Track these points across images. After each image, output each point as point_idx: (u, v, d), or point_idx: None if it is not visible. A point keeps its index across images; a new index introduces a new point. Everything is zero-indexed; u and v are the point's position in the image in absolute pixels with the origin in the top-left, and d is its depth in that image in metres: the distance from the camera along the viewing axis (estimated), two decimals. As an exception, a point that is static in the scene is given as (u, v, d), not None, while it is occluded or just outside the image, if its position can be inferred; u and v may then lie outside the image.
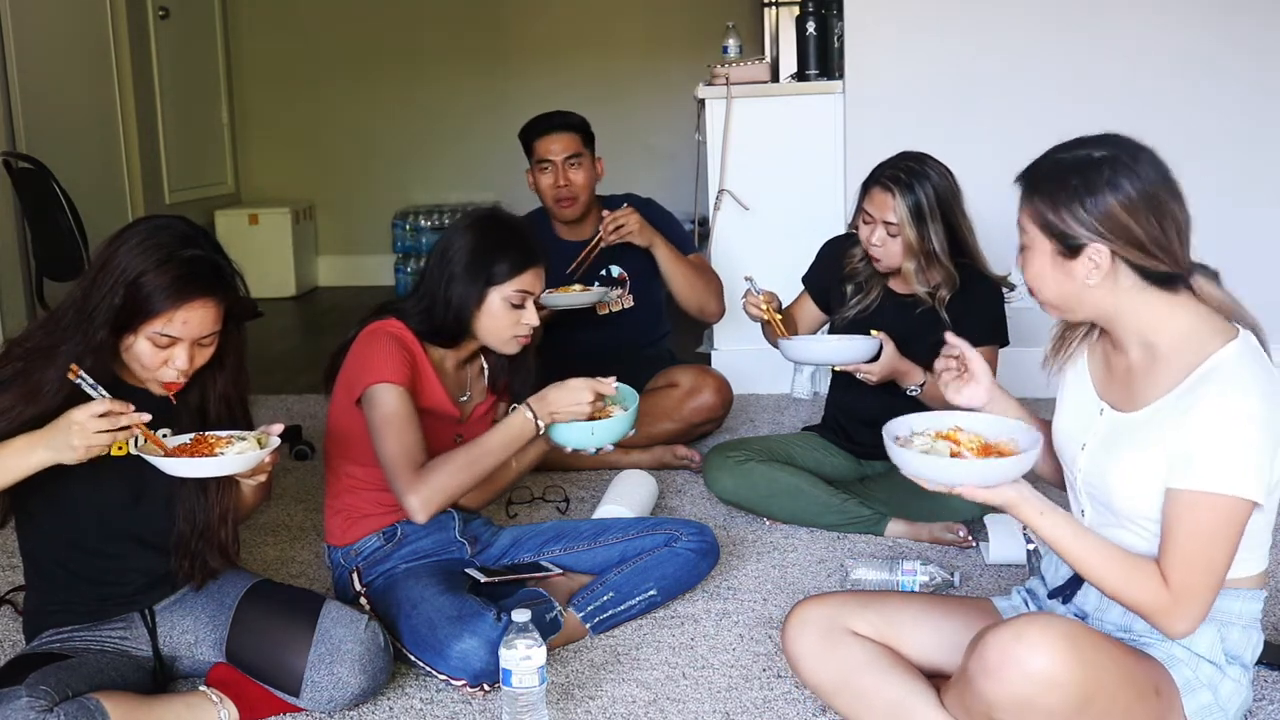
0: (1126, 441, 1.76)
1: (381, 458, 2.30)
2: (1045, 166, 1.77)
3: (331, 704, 2.07)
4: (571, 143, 3.48)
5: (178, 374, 1.96)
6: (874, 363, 2.72)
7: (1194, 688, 1.76)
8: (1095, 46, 3.97)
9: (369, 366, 2.31)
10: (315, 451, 3.65)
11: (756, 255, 4.15)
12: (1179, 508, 1.68)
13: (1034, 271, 1.78)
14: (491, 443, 2.32)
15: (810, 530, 2.96)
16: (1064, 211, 1.71)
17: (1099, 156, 1.72)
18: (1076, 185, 1.70)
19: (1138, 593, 1.70)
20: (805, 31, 4.19)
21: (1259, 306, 1.76)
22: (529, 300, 2.39)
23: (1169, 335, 1.74)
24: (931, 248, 2.73)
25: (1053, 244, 1.73)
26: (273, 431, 1.99)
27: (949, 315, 2.77)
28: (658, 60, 6.57)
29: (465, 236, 2.39)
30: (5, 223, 4.65)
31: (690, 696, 2.21)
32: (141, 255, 1.91)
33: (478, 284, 2.35)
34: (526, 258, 2.38)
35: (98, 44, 5.59)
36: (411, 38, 6.69)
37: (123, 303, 1.90)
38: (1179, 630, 1.71)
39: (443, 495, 2.29)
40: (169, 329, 1.92)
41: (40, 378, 1.91)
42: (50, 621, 2.10)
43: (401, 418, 2.28)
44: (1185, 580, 1.68)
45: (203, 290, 1.93)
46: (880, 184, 2.74)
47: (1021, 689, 1.62)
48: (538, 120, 3.55)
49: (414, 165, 6.79)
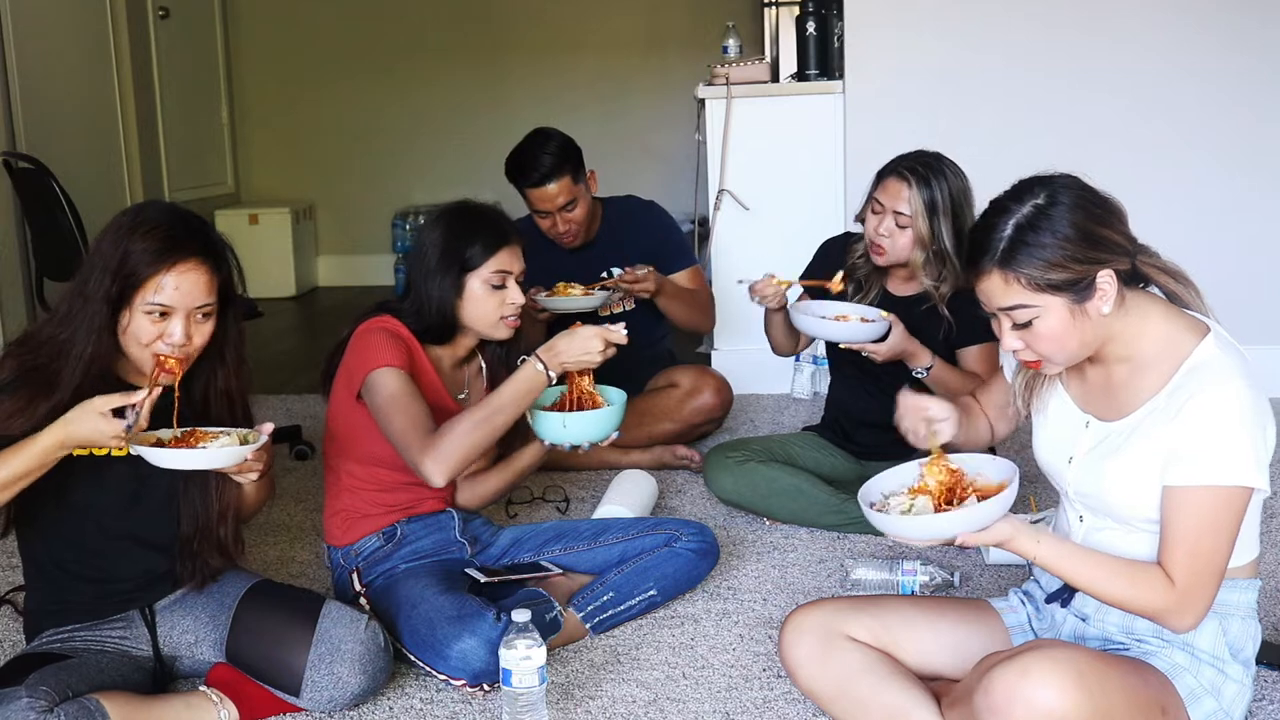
0: (1117, 448, 1.78)
1: (391, 435, 2.27)
2: (998, 243, 1.71)
3: (331, 704, 2.07)
4: (563, 189, 3.35)
5: (174, 348, 1.94)
6: (881, 342, 2.72)
7: (1198, 696, 1.76)
8: (1095, 46, 3.97)
9: (367, 357, 2.31)
10: (315, 451, 3.65)
11: (756, 255, 4.14)
12: (1179, 504, 1.69)
13: (1051, 336, 1.73)
14: (503, 398, 2.25)
15: (810, 530, 2.96)
16: (1061, 258, 1.68)
17: (1043, 199, 1.71)
18: (1045, 234, 1.69)
19: (1145, 598, 1.71)
20: (805, 31, 4.19)
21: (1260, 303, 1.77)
22: (509, 280, 2.38)
23: (1148, 339, 1.75)
24: (941, 244, 2.73)
25: (1065, 297, 1.70)
26: (264, 430, 1.99)
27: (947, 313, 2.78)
28: (658, 60, 6.57)
29: (435, 230, 2.40)
30: (5, 223, 4.64)
31: (690, 696, 2.21)
32: (129, 230, 1.93)
33: (454, 273, 2.35)
34: (498, 237, 2.38)
35: (98, 44, 5.58)
36: (412, 38, 6.68)
37: (113, 276, 1.91)
38: (1186, 625, 1.72)
39: (458, 456, 2.22)
40: (160, 295, 1.91)
41: (50, 371, 1.92)
42: (50, 621, 2.10)
43: (406, 394, 2.27)
44: (1190, 575, 1.69)
45: (190, 250, 1.93)
46: (897, 173, 2.74)
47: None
48: (522, 168, 3.37)
49: (414, 165, 6.78)
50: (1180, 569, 1.69)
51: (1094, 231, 1.70)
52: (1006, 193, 1.77)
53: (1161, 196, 3.80)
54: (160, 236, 1.92)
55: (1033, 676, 1.63)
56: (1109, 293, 1.71)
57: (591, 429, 2.32)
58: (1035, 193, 1.73)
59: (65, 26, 5.31)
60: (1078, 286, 1.70)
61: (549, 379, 2.25)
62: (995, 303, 1.75)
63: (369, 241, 6.82)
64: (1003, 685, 1.64)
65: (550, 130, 3.45)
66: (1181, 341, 1.74)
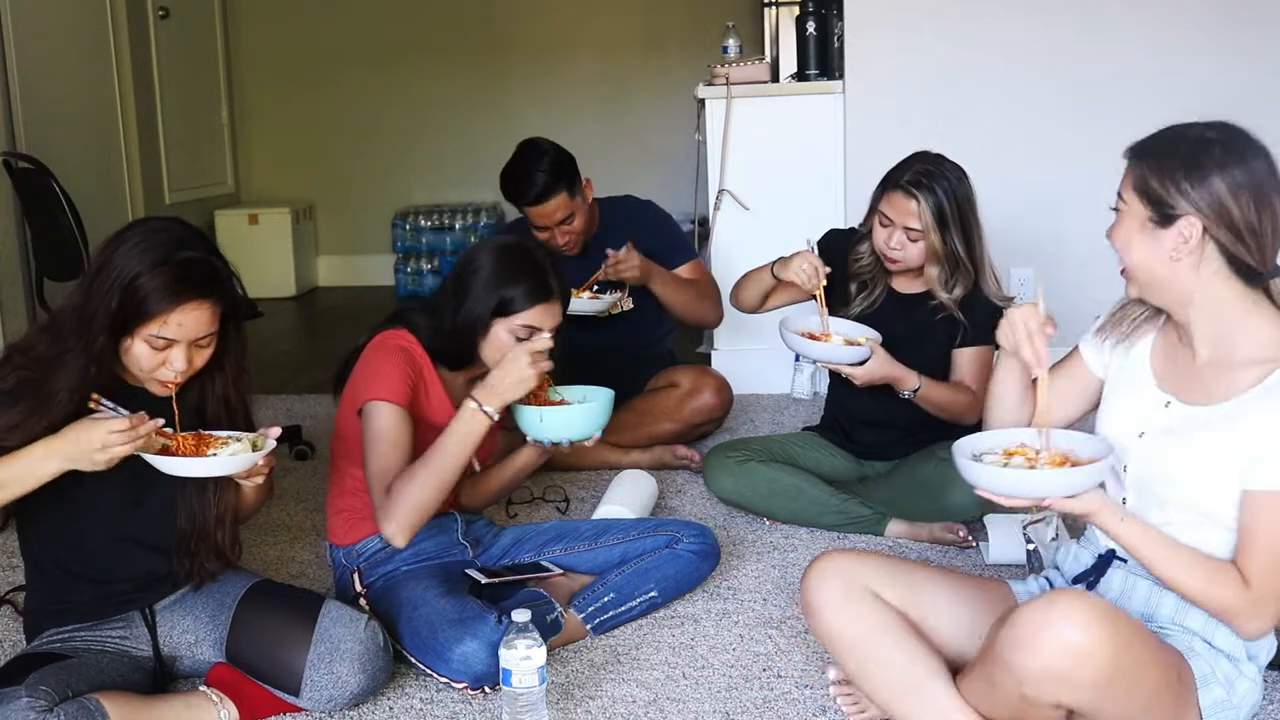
0: (1197, 434, 1.75)
1: (365, 472, 2.28)
2: (1159, 138, 1.77)
3: (331, 703, 2.07)
4: (560, 205, 3.33)
5: (175, 374, 1.96)
6: (859, 366, 2.73)
7: (1209, 682, 1.76)
8: (1095, 46, 3.97)
9: (372, 381, 2.29)
10: (315, 451, 3.65)
11: (756, 255, 4.13)
12: (1260, 508, 1.69)
13: (1123, 234, 1.78)
14: (446, 447, 2.23)
15: (810, 530, 2.96)
16: (1167, 180, 1.72)
17: (1213, 137, 1.73)
18: (1185, 157, 1.71)
19: (1219, 595, 1.71)
20: (805, 31, 4.19)
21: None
22: (536, 336, 2.31)
23: (1245, 331, 1.74)
24: (954, 249, 2.73)
25: (1148, 210, 1.74)
26: (270, 435, 1.99)
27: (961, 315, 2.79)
28: (658, 60, 6.57)
29: (484, 259, 2.34)
30: (5, 223, 4.64)
31: (690, 696, 2.21)
32: (137, 258, 1.91)
33: (485, 311, 2.31)
34: (542, 292, 2.32)
35: (98, 44, 5.58)
36: (412, 37, 6.68)
37: (119, 306, 1.90)
38: (1254, 630, 1.72)
39: (415, 514, 2.21)
40: (165, 331, 1.92)
41: (50, 389, 1.91)
42: (50, 621, 2.10)
43: (390, 439, 2.25)
44: (1267, 581, 1.69)
45: (198, 292, 1.93)
46: (902, 189, 2.72)
47: (1055, 660, 1.61)
48: (518, 186, 3.34)
49: (414, 165, 6.78)
50: (1258, 573, 1.69)
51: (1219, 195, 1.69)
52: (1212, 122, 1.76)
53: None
54: (172, 275, 1.91)
55: (1060, 610, 1.62)
56: (1189, 240, 1.71)
57: (570, 425, 2.32)
58: (1240, 141, 1.72)
59: (65, 26, 5.31)
60: (1162, 209, 1.72)
61: (491, 417, 2.24)
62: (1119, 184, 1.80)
63: (369, 241, 6.82)
64: (1029, 619, 1.63)
65: (541, 143, 3.41)
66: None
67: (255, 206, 6.64)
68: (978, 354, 2.82)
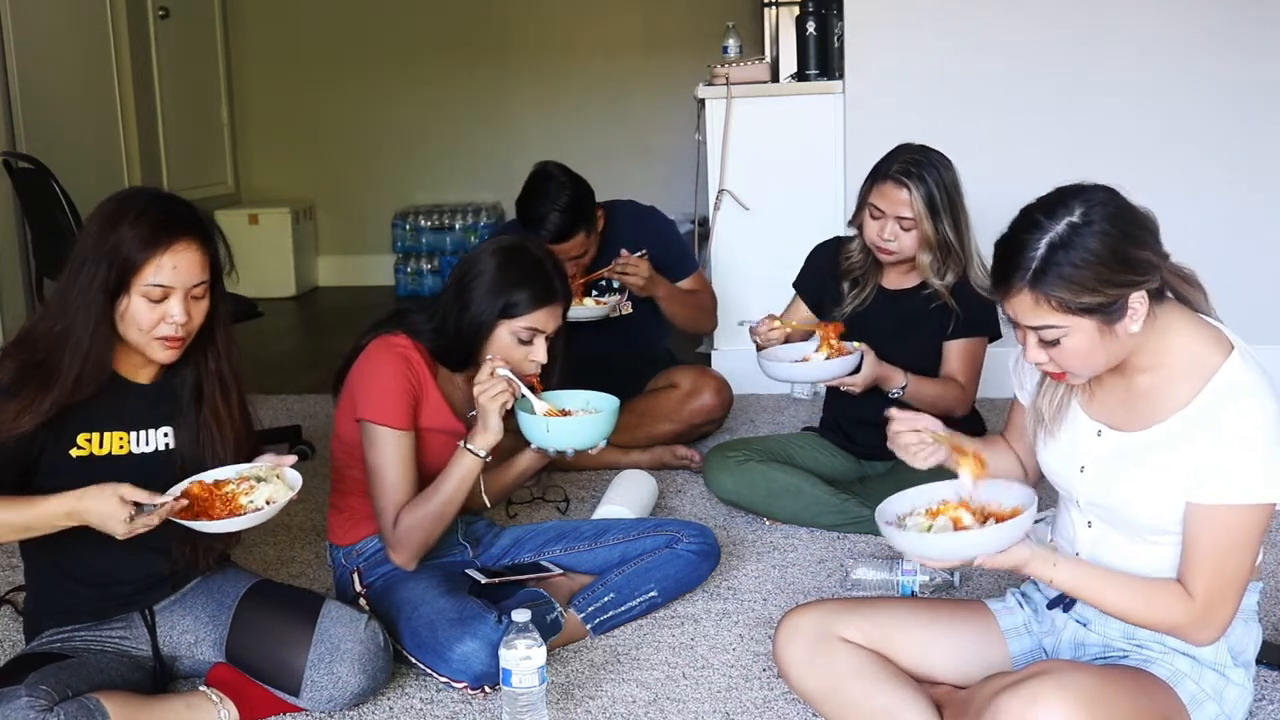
0: (1138, 460, 1.76)
1: (371, 496, 2.31)
2: (1030, 262, 1.65)
3: (331, 703, 2.07)
4: (575, 245, 3.26)
5: (176, 327, 1.95)
6: (856, 374, 2.73)
7: (1200, 701, 1.76)
8: (1095, 46, 3.97)
9: (372, 398, 2.29)
10: (315, 451, 3.64)
11: (756, 255, 4.17)
12: (1205, 521, 1.69)
13: (1078, 353, 1.69)
14: (445, 488, 2.29)
15: (810, 530, 2.96)
16: (1091, 286, 1.64)
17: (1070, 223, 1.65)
18: (1078, 256, 1.63)
19: (1164, 614, 1.72)
20: (805, 31, 4.20)
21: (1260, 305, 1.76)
22: (539, 338, 2.32)
23: (1174, 352, 1.73)
24: (946, 236, 2.75)
25: (1094, 319, 1.66)
26: (284, 463, 2.01)
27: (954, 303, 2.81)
28: (658, 60, 6.57)
29: (487, 262, 2.34)
30: (5, 223, 4.65)
31: (690, 696, 2.21)
32: (117, 215, 1.94)
33: (489, 313, 2.31)
34: (546, 295, 2.32)
35: (98, 44, 5.58)
36: (412, 37, 6.68)
37: (109, 265, 1.91)
38: (1207, 639, 1.72)
39: (422, 546, 2.32)
40: (159, 276, 1.92)
41: (50, 365, 1.92)
42: (50, 621, 2.10)
43: (397, 470, 2.28)
44: (1214, 592, 1.69)
45: (183, 229, 1.94)
46: (892, 179, 2.74)
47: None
48: (535, 224, 3.23)
49: (414, 165, 6.78)
50: (1203, 585, 1.69)
51: (1129, 254, 1.64)
52: (1039, 204, 1.70)
53: (1160, 197, 3.73)
54: (151, 220, 1.93)
55: (1041, 705, 1.61)
56: (1140, 312, 1.67)
57: (575, 435, 2.32)
58: (1070, 208, 1.66)
59: (65, 26, 5.31)
60: (1109, 309, 1.65)
61: (484, 459, 2.28)
62: (1024, 320, 1.71)
63: (369, 241, 6.81)
64: (1011, 714, 1.63)
65: (559, 177, 3.28)
66: (1209, 356, 1.71)
67: (255, 206, 6.64)
68: (966, 346, 2.84)
